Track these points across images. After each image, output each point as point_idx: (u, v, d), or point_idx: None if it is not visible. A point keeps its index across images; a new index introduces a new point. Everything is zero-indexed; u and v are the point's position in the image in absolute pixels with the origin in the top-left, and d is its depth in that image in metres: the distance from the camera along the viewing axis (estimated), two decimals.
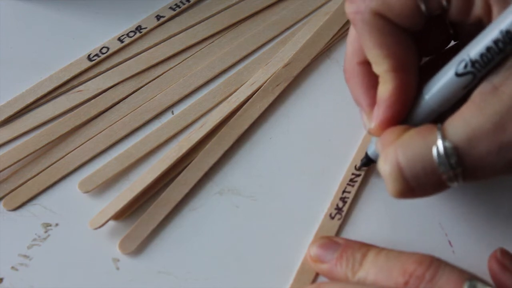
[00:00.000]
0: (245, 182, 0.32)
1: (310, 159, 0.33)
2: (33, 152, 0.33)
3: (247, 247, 0.31)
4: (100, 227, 0.31)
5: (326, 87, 0.36)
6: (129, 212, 0.31)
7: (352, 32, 0.28)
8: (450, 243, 0.30)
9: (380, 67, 0.26)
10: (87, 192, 0.32)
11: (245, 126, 0.34)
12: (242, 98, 0.35)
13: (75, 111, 0.34)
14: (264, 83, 0.35)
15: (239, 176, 0.33)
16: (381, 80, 0.26)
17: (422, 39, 0.27)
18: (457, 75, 0.24)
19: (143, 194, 0.32)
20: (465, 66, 0.24)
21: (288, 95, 0.35)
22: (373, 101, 0.27)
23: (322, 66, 0.36)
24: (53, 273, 0.30)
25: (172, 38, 0.37)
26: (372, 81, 0.28)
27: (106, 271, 0.30)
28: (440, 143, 0.23)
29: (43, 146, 0.33)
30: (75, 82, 0.35)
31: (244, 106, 0.34)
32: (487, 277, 0.28)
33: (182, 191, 0.32)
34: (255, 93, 0.35)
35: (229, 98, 0.35)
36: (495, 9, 0.24)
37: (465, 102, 0.24)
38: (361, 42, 0.27)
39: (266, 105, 0.34)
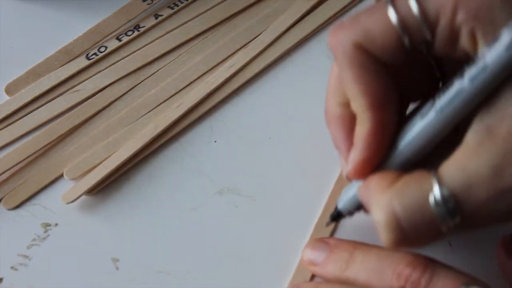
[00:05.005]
0: (244, 182, 0.32)
1: (310, 159, 0.33)
2: (33, 154, 0.33)
3: (246, 247, 0.31)
4: (72, 201, 0.31)
5: (326, 87, 0.36)
6: (102, 186, 0.32)
7: (333, 71, 0.27)
8: (449, 243, 0.30)
9: (358, 102, 0.25)
10: (73, 179, 0.32)
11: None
12: (220, 80, 0.35)
13: (72, 111, 0.34)
14: (244, 65, 0.35)
15: (238, 176, 0.33)
16: (358, 120, 0.25)
17: (407, 83, 0.26)
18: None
19: (117, 170, 0.32)
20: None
21: (288, 95, 0.35)
22: (352, 145, 0.26)
23: (322, 66, 0.36)
24: (53, 273, 0.30)
25: (167, 35, 0.37)
26: (352, 124, 0.26)
27: (105, 271, 0.30)
28: (437, 190, 0.22)
29: (42, 147, 0.33)
30: (73, 81, 0.35)
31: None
32: (489, 273, 0.28)
33: None
34: (233, 76, 0.35)
35: (207, 79, 0.35)
36: (481, 43, 0.23)
37: (459, 146, 0.23)
38: (341, 77, 0.25)
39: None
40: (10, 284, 0.30)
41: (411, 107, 0.28)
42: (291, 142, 0.34)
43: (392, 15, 0.23)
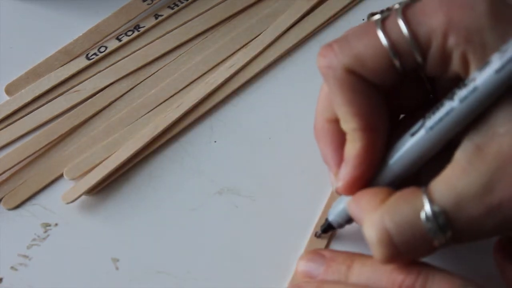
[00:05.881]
0: (244, 182, 0.32)
1: (309, 159, 0.33)
2: (33, 154, 0.33)
3: (246, 247, 0.31)
4: (72, 201, 0.31)
5: None
6: (102, 186, 0.32)
7: (323, 88, 0.27)
8: None
9: (348, 124, 0.25)
10: (73, 179, 0.32)
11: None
12: (220, 80, 0.35)
13: (72, 111, 0.34)
14: (244, 65, 0.36)
15: (238, 176, 0.33)
16: (348, 138, 0.26)
17: (398, 95, 0.27)
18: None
19: (117, 170, 0.32)
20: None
21: (288, 95, 0.35)
22: (341, 161, 0.26)
23: None
24: (53, 273, 0.30)
25: (167, 35, 0.37)
26: (341, 140, 0.26)
27: (105, 271, 0.30)
28: (428, 207, 0.23)
29: (42, 147, 0.33)
30: (73, 81, 0.35)
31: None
32: (487, 275, 0.28)
33: None
34: (233, 76, 0.35)
35: (207, 79, 0.35)
36: (473, 65, 0.23)
37: (449, 163, 0.23)
38: (331, 98, 0.26)
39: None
40: (10, 284, 0.30)
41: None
42: (291, 142, 0.34)
43: (382, 38, 0.24)
